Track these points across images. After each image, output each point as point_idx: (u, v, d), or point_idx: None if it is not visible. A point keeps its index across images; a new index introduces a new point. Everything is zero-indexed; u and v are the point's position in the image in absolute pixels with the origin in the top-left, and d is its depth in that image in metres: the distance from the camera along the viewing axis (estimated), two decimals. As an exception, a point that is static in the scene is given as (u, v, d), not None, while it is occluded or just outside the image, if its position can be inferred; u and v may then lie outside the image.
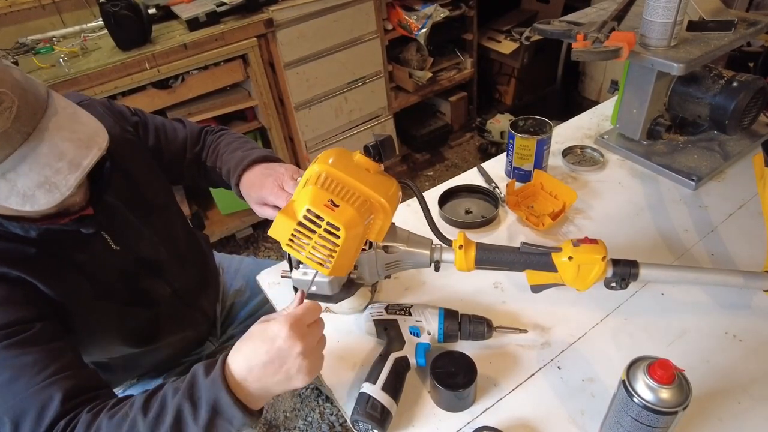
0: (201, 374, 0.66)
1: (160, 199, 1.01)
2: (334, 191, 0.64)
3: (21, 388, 0.68)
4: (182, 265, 1.04)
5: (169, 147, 1.04)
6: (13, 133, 0.62)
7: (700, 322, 0.86)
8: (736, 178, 1.15)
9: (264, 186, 0.88)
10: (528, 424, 0.75)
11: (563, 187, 1.10)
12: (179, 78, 1.90)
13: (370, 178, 0.69)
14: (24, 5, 1.96)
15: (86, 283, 0.83)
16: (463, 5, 2.55)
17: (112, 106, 0.97)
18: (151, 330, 0.99)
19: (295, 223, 0.63)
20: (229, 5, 1.89)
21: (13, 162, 0.63)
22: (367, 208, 0.66)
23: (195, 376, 0.66)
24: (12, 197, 0.64)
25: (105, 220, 0.86)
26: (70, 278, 0.80)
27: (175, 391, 0.66)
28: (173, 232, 1.04)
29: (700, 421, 0.73)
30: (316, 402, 1.78)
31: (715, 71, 1.11)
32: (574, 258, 0.71)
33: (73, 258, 0.82)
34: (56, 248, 0.79)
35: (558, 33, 1.07)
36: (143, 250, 0.94)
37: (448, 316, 0.84)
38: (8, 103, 0.61)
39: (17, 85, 0.64)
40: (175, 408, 0.64)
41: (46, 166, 0.64)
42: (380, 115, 2.53)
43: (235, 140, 1.04)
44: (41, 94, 0.68)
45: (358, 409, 0.74)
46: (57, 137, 0.66)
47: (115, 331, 0.92)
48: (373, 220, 0.69)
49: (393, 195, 0.70)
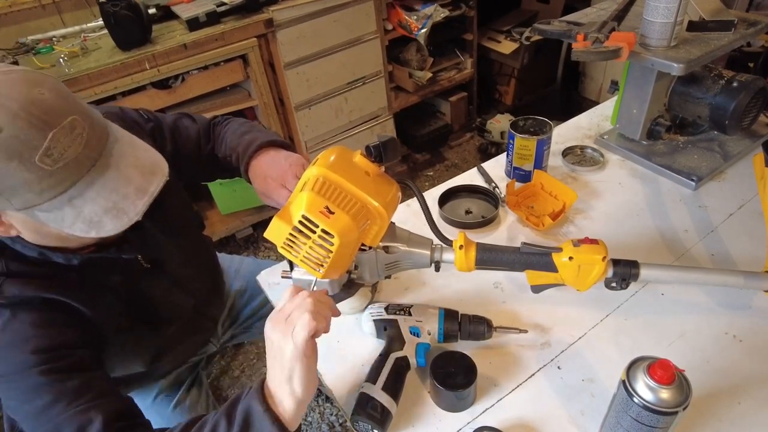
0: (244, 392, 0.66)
1: (180, 211, 1.01)
2: (330, 197, 0.65)
3: (57, 413, 0.68)
4: (201, 275, 1.05)
5: (185, 148, 1.02)
6: (83, 159, 0.62)
7: (700, 322, 0.86)
8: (736, 178, 1.15)
9: (267, 184, 0.88)
10: (528, 424, 0.75)
11: (563, 187, 1.10)
12: (179, 78, 1.90)
13: (369, 182, 0.68)
14: (24, 5, 1.96)
15: (120, 303, 0.83)
16: (463, 5, 2.55)
17: (125, 117, 0.95)
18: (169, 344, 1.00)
19: (291, 227, 0.64)
20: (229, 5, 1.89)
21: (80, 188, 0.63)
22: (363, 214, 0.66)
23: (239, 396, 0.67)
24: (77, 223, 0.63)
25: (136, 240, 0.85)
26: (106, 300, 0.81)
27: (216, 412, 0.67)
28: (194, 242, 1.04)
29: (700, 421, 0.73)
30: (316, 402, 1.78)
31: (715, 71, 1.11)
32: (574, 258, 0.71)
33: (110, 279, 0.82)
34: (93, 272, 0.80)
35: (558, 33, 1.07)
36: (170, 265, 0.94)
37: (448, 316, 0.84)
38: (80, 130, 0.62)
39: (85, 112, 0.64)
40: (213, 424, 0.65)
41: (113, 191, 0.64)
42: (380, 116, 2.53)
43: (240, 126, 1.02)
44: (102, 121, 0.68)
45: (358, 409, 0.74)
46: (122, 163, 0.66)
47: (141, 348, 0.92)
48: (369, 226, 0.69)
49: (391, 200, 0.70)
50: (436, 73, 2.68)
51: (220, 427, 0.64)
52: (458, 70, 2.79)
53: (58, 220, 0.63)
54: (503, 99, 3.11)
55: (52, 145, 0.59)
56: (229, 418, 0.64)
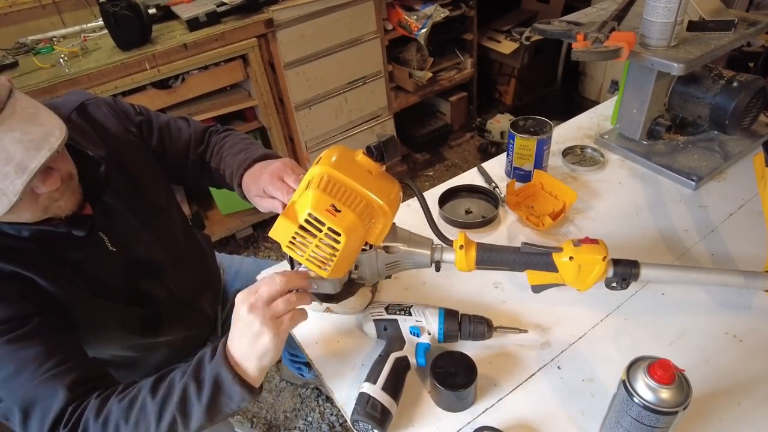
0: (207, 357, 0.70)
1: (161, 202, 1.01)
2: (336, 195, 0.65)
3: (26, 380, 0.71)
4: (180, 268, 1.04)
5: (173, 147, 1.03)
6: None
7: (700, 322, 0.86)
8: (736, 178, 1.15)
9: (262, 177, 0.88)
10: (528, 424, 0.75)
11: (563, 187, 1.10)
12: (179, 78, 1.90)
13: (372, 180, 0.68)
14: (24, 5, 1.96)
15: (82, 281, 0.84)
16: (463, 5, 2.55)
17: (117, 105, 0.97)
18: (150, 328, 1.00)
19: (297, 226, 0.64)
20: (229, 5, 1.89)
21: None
22: (368, 212, 0.67)
23: (201, 359, 0.70)
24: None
25: (104, 221, 0.86)
26: (65, 275, 0.82)
27: (183, 373, 0.70)
28: (173, 234, 1.04)
29: (700, 421, 0.73)
30: (316, 402, 1.78)
31: (715, 71, 1.11)
32: (574, 258, 0.71)
33: (69, 256, 0.83)
34: (51, 247, 0.80)
35: (558, 33, 1.07)
36: (141, 252, 0.94)
37: (448, 316, 0.84)
38: None
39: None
40: (182, 388, 0.69)
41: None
42: (380, 115, 2.53)
43: (239, 141, 1.04)
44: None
45: (358, 409, 0.74)
46: (6, 139, 0.63)
47: (114, 327, 0.93)
48: (374, 224, 0.69)
49: (394, 198, 0.70)
50: (436, 73, 2.68)
51: (190, 389, 0.68)
52: (458, 70, 2.79)
53: None
54: (503, 99, 3.11)
55: None
56: (198, 382, 0.68)
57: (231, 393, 0.68)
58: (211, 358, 0.69)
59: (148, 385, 0.71)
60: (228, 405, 0.69)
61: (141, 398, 0.70)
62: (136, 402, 0.70)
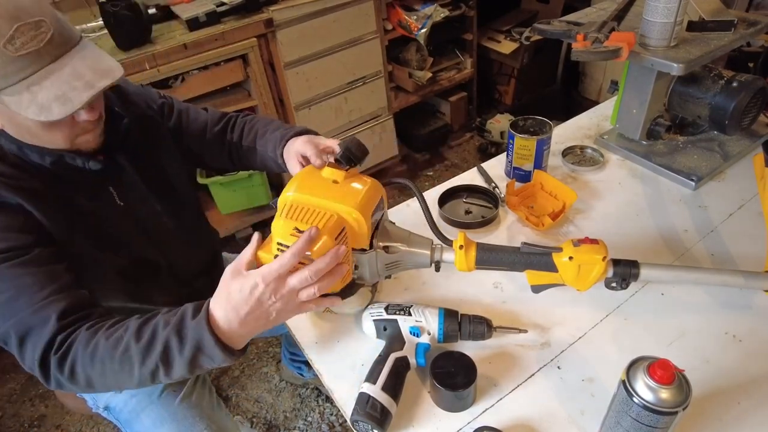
0: (189, 315, 0.71)
1: (173, 178, 1.06)
2: (298, 218, 0.69)
3: (23, 306, 0.75)
4: (184, 246, 1.08)
5: (190, 127, 1.10)
6: (44, 53, 0.73)
7: (700, 322, 0.86)
8: (736, 178, 1.15)
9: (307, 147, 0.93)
10: (528, 424, 0.75)
11: (563, 187, 1.10)
12: (179, 78, 1.90)
13: (337, 189, 0.73)
14: (24, 5, 1.96)
15: (85, 228, 0.88)
16: (463, 5, 2.55)
17: (143, 87, 1.08)
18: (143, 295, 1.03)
19: (272, 256, 0.69)
20: (229, 5, 1.89)
21: (39, 77, 0.73)
22: (334, 222, 0.69)
23: (184, 317, 0.72)
24: (31, 107, 0.73)
25: (114, 175, 0.93)
26: (70, 219, 0.85)
27: (166, 324, 0.72)
28: (180, 213, 1.08)
29: (700, 422, 0.73)
30: (316, 402, 1.78)
31: (715, 71, 1.11)
32: (574, 258, 0.71)
33: (77, 201, 0.87)
34: (62, 188, 0.85)
35: (558, 33, 1.07)
36: (145, 214, 0.99)
37: (448, 316, 0.84)
38: (45, 29, 0.73)
39: (56, 19, 0.75)
40: (164, 340, 0.71)
41: (65, 83, 0.74)
42: (380, 115, 2.53)
43: (271, 121, 1.12)
44: (75, 34, 0.78)
45: (358, 409, 0.74)
46: (80, 64, 0.76)
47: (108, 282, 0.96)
48: (350, 228, 0.71)
49: (364, 197, 0.72)
50: (435, 73, 2.68)
51: (172, 341, 0.70)
52: (458, 70, 2.79)
53: (17, 103, 0.72)
54: (503, 99, 3.11)
55: (15, 36, 0.70)
56: (180, 338, 0.70)
57: (212, 355, 0.70)
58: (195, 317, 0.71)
59: (133, 328, 0.73)
60: (209, 364, 0.71)
61: (126, 340, 0.72)
62: (120, 343, 0.72)
